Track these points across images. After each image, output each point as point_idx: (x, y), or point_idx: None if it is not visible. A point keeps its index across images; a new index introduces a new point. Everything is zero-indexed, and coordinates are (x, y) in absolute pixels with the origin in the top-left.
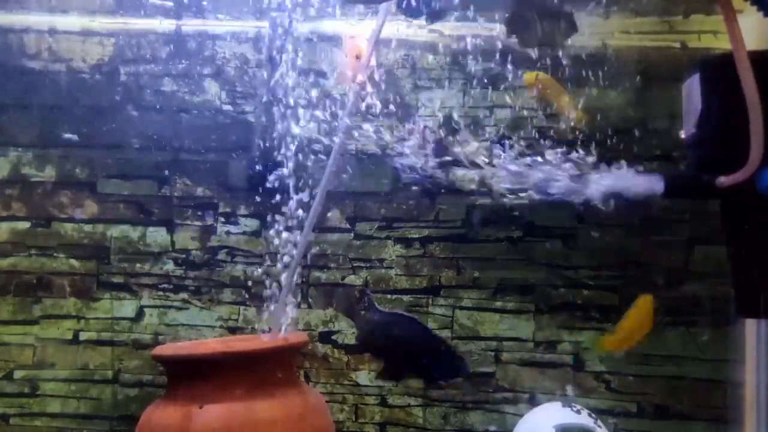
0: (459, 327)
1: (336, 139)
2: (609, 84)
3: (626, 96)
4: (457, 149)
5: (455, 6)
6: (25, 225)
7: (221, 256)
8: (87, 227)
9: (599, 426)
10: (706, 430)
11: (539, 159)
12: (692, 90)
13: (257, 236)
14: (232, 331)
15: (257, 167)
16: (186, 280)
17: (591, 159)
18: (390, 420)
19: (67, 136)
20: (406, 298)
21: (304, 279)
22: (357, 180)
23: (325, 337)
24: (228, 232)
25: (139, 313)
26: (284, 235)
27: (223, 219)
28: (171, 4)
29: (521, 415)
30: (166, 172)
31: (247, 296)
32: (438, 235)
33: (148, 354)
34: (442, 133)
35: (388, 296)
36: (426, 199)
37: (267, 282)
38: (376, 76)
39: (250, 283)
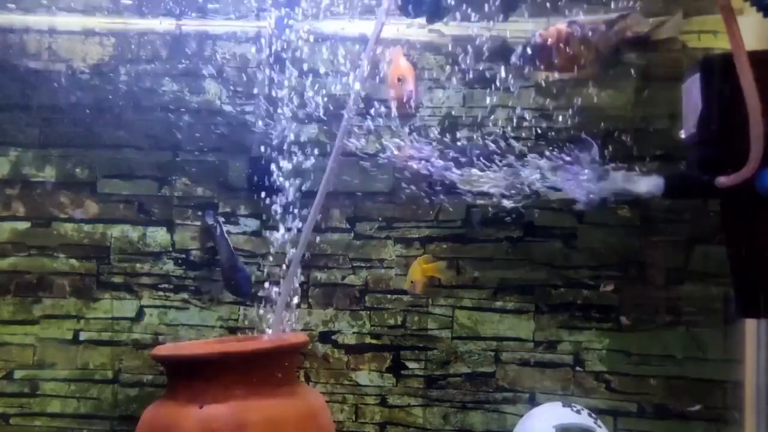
0: (459, 327)
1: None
2: (608, 84)
3: (626, 96)
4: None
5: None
6: (25, 225)
7: None
8: (87, 227)
9: (599, 426)
10: (706, 430)
11: (540, 159)
12: (692, 90)
13: (257, 236)
14: (232, 331)
15: (257, 167)
16: (186, 280)
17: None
18: (390, 420)
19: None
20: (406, 298)
21: (304, 279)
22: (357, 179)
23: (325, 337)
24: (228, 232)
25: (139, 313)
26: (285, 235)
27: (223, 219)
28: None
29: (521, 415)
30: (166, 172)
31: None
32: (438, 235)
33: (148, 354)
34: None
35: (388, 296)
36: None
37: (267, 282)
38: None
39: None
